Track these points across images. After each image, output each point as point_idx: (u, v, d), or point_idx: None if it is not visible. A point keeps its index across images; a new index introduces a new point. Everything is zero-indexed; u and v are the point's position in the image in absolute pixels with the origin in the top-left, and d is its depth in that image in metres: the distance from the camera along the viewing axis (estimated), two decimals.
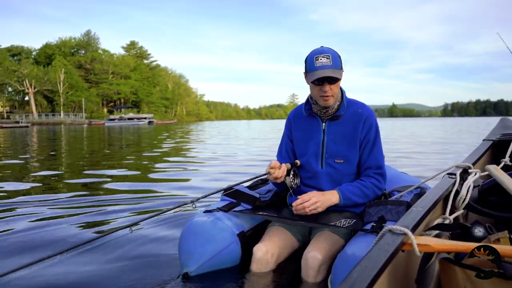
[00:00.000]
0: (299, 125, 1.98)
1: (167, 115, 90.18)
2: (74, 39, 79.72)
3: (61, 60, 68.01)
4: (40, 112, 64.53)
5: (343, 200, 1.79)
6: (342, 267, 1.44)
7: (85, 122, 57.55)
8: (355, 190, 1.80)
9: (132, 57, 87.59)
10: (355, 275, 0.86)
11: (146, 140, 14.83)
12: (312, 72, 1.75)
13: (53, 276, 1.83)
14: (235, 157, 7.83)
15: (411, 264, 1.18)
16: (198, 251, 1.74)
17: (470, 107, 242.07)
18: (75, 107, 69.11)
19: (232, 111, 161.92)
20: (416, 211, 1.24)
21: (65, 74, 66.57)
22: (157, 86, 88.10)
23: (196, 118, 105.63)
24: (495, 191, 1.59)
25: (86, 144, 12.81)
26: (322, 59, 1.73)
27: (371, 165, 1.84)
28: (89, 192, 4.05)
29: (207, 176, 5.13)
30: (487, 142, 2.65)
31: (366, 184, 1.82)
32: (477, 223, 1.23)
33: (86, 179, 4.99)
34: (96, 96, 74.27)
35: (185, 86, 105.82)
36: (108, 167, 6.20)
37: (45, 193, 4.00)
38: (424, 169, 5.45)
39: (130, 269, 1.93)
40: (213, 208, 1.96)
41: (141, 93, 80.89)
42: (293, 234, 1.89)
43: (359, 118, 1.84)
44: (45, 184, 4.63)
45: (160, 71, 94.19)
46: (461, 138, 13.65)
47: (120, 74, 78.91)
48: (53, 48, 75.28)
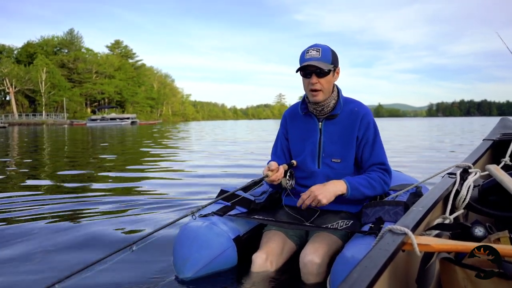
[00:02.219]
0: (295, 124, 1.96)
1: (153, 115, 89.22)
2: (57, 38, 77.94)
3: (43, 59, 66.49)
4: (21, 112, 62.92)
5: (351, 190, 1.73)
6: (341, 270, 1.42)
7: (67, 122, 56.39)
8: (362, 181, 1.76)
9: (117, 57, 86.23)
10: (355, 275, 0.86)
11: (129, 141, 14.62)
12: (300, 64, 1.75)
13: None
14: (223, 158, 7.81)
15: (412, 264, 1.19)
16: (193, 257, 1.70)
17: (455, 107, 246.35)
18: (58, 107, 67.65)
19: (219, 111, 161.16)
20: (416, 210, 1.25)
21: (47, 73, 65.08)
22: (142, 86, 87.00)
23: (182, 118, 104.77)
24: (495, 191, 1.59)
25: (60, 146, 12.49)
26: (311, 52, 1.74)
27: (375, 161, 1.83)
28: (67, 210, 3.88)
29: (197, 180, 5.08)
30: (487, 141, 2.64)
31: (373, 176, 1.79)
32: (477, 222, 1.24)
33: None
34: (80, 96, 72.88)
35: (171, 86, 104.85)
36: (89, 176, 6.08)
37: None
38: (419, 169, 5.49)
39: (122, 276, 1.85)
40: (208, 212, 1.91)
41: (126, 93, 79.77)
42: (290, 237, 1.86)
43: (356, 117, 1.83)
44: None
45: (145, 70, 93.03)
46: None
47: (104, 73, 77.57)
48: (35, 47, 73.44)
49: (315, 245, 1.67)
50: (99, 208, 3.30)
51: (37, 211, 3.22)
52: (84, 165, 6.63)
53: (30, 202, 3.57)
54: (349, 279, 0.84)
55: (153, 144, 12.08)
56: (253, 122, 72.03)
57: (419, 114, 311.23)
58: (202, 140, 14.02)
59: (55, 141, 14.40)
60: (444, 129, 23.25)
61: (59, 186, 4.46)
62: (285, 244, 1.83)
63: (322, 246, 1.65)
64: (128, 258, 2.09)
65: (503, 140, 2.61)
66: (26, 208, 3.31)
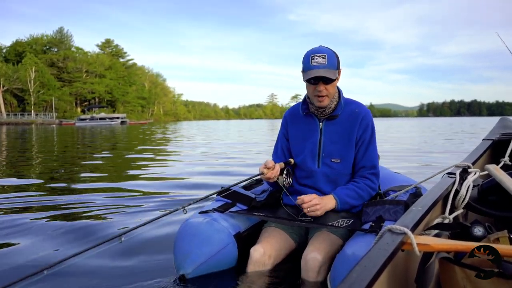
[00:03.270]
0: (296, 124, 1.97)
1: (144, 114, 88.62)
2: (46, 37, 76.90)
3: (32, 58, 65.49)
4: (9, 112, 61.91)
5: (340, 205, 1.79)
6: (341, 267, 1.43)
7: (55, 122, 55.61)
8: (350, 193, 1.81)
9: (107, 56, 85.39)
10: (355, 274, 0.86)
11: (116, 141, 14.49)
12: (307, 71, 1.74)
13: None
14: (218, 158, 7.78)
15: (411, 263, 1.19)
16: (194, 253, 1.70)
17: (445, 107, 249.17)
18: (47, 106, 66.73)
19: (210, 111, 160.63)
20: (416, 210, 1.25)
21: (36, 72, 64.14)
22: (133, 85, 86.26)
23: (174, 118, 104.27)
24: (495, 191, 1.60)
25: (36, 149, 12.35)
26: (317, 59, 1.72)
27: (366, 164, 1.85)
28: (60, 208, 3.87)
29: (190, 176, 5.05)
30: (486, 141, 2.65)
31: (360, 186, 1.83)
32: (477, 222, 1.24)
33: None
34: (69, 95, 71.98)
35: (163, 85, 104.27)
36: (80, 171, 6.00)
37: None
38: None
39: (123, 273, 1.86)
40: (209, 209, 1.93)
41: (117, 92, 79.07)
42: (290, 234, 1.87)
43: (356, 117, 1.85)
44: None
45: (136, 70, 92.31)
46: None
47: (95, 72, 76.77)
48: (23, 46, 72.37)
49: (316, 244, 1.68)
50: (87, 206, 3.27)
51: (25, 206, 3.21)
52: (66, 166, 6.55)
53: (16, 198, 3.54)
54: (348, 279, 0.84)
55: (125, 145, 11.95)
56: (244, 122, 72.08)
57: (410, 114, 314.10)
58: (184, 141, 13.92)
59: (38, 142, 14.20)
60: (437, 130, 23.45)
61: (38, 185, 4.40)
62: (284, 240, 1.84)
63: (324, 245, 1.67)
64: (128, 254, 2.11)
65: (503, 140, 2.62)
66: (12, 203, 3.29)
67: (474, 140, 12.03)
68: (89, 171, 5.78)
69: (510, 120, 3.23)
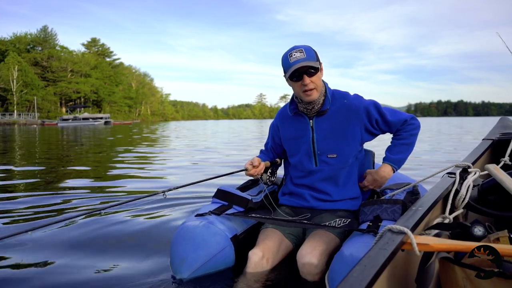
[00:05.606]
0: (287, 126, 1.96)
1: (131, 115, 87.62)
2: (30, 35, 75.15)
3: (15, 57, 63.97)
4: None
5: (398, 167, 1.91)
6: (339, 268, 1.42)
7: (38, 122, 54.44)
8: (398, 149, 1.89)
9: (93, 55, 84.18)
10: (355, 274, 0.86)
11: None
12: (288, 70, 1.73)
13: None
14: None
15: (411, 263, 1.19)
16: (191, 257, 1.68)
17: (432, 108, 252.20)
18: (30, 106, 65.32)
19: (199, 111, 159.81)
20: (416, 210, 1.25)
21: (19, 71, 62.74)
22: (120, 85, 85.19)
23: (162, 118, 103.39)
24: (495, 191, 1.60)
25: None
26: (295, 54, 1.72)
27: (399, 126, 1.90)
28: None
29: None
30: (486, 141, 2.65)
31: (404, 135, 1.89)
32: (477, 222, 1.24)
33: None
34: (54, 95, 70.65)
35: (150, 85, 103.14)
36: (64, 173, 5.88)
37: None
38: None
39: (119, 276, 1.82)
40: (205, 212, 1.90)
41: (103, 92, 77.95)
42: (287, 235, 1.86)
43: (349, 110, 1.83)
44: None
45: (123, 69, 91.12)
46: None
47: (80, 72, 75.56)
48: (6, 44, 70.51)
49: (312, 244, 1.66)
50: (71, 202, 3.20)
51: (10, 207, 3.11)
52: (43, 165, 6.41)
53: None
54: (348, 279, 0.84)
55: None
56: (233, 122, 71.93)
57: None
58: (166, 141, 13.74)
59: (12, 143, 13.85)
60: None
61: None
62: (282, 242, 1.83)
63: (320, 245, 1.65)
64: (123, 257, 2.08)
65: (503, 139, 2.63)
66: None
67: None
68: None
69: (510, 120, 3.24)
